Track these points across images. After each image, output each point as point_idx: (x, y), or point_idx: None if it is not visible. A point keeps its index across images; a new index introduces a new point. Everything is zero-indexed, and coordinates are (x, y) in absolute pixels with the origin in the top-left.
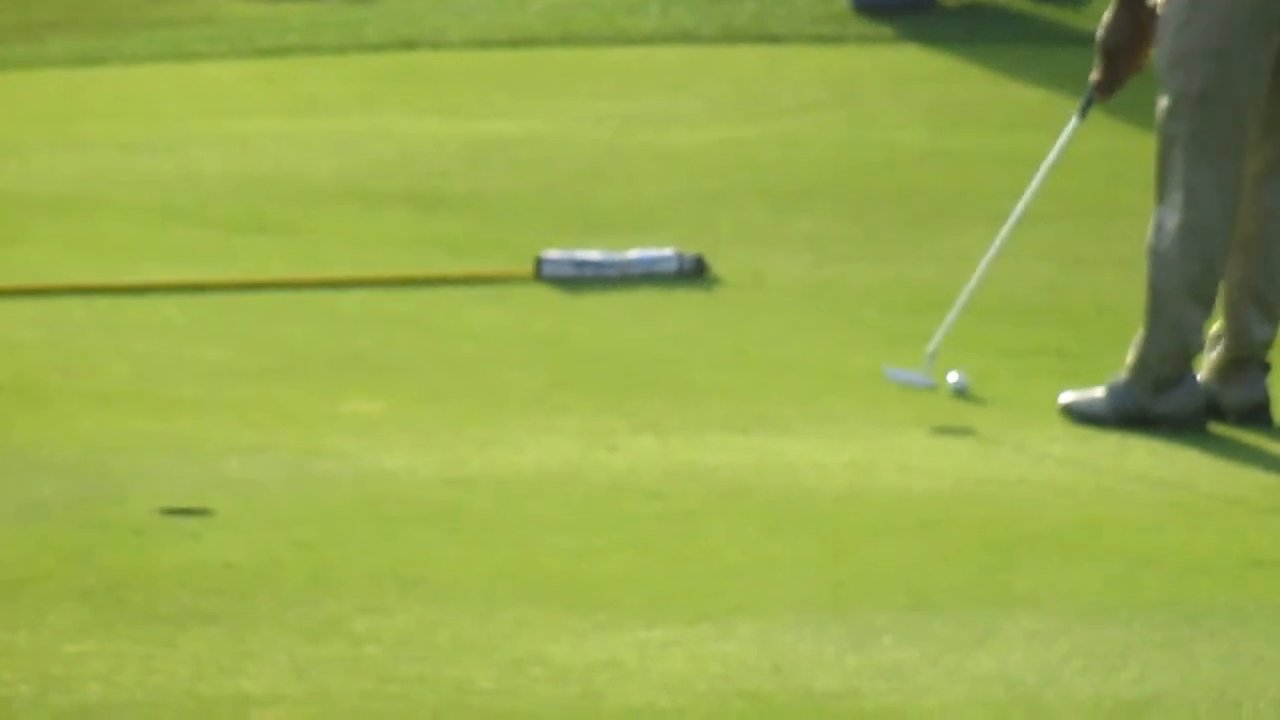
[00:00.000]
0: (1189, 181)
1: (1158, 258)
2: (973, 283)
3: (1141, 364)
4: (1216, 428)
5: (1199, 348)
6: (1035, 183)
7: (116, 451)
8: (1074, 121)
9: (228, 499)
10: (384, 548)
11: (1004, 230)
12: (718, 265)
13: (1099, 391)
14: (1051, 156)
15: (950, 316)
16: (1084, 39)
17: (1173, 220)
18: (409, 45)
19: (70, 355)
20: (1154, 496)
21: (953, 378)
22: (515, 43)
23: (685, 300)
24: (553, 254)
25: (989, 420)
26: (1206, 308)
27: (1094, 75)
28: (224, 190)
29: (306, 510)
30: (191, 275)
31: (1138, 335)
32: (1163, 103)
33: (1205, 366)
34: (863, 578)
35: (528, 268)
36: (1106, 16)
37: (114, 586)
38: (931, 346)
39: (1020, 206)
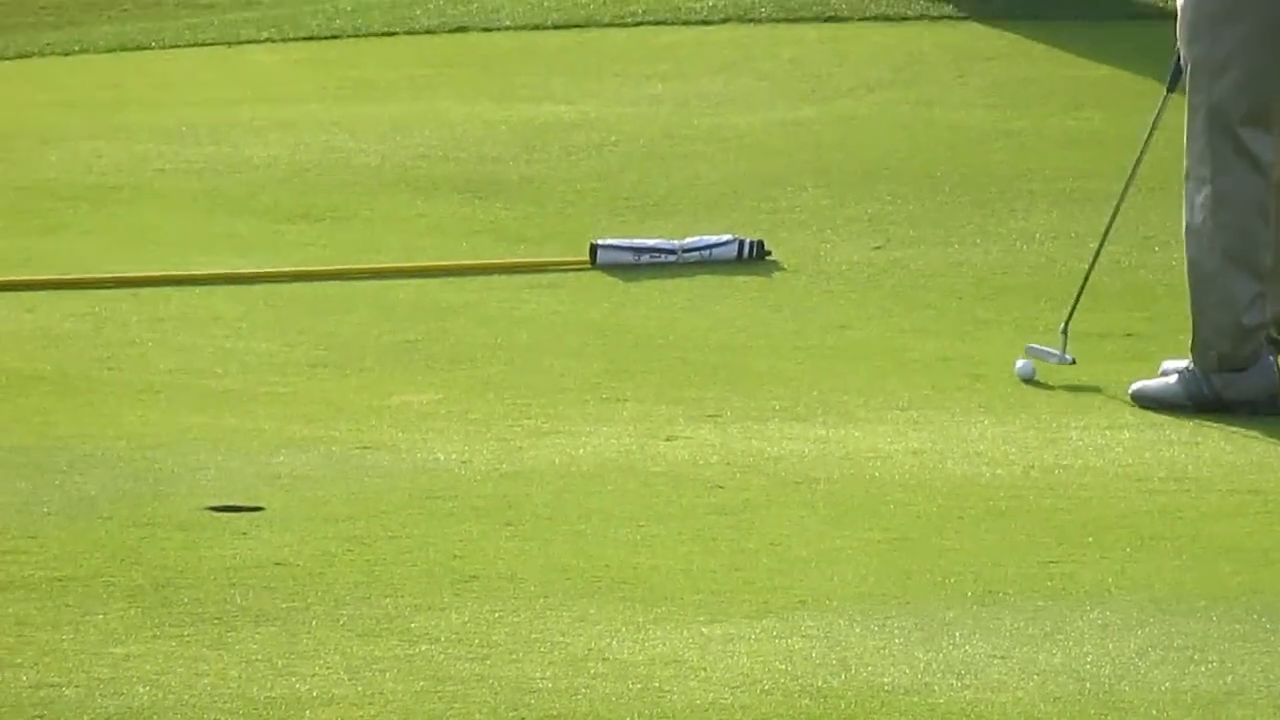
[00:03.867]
0: (1214, 151)
1: (1193, 234)
2: (1093, 261)
3: (1201, 346)
4: None
5: (1259, 321)
6: (1137, 161)
7: (163, 447)
8: (1164, 96)
9: (277, 495)
10: (438, 543)
11: (1117, 206)
12: (778, 249)
13: (1171, 378)
14: (1145, 138)
15: (1078, 295)
16: (1149, 14)
17: (1202, 192)
18: (460, 28)
19: (114, 348)
20: (1229, 483)
21: (1020, 364)
22: (569, 24)
23: (744, 286)
24: (608, 240)
25: (1057, 406)
26: (1254, 277)
27: (1178, 46)
28: (271, 178)
29: (358, 505)
30: (238, 265)
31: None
32: (1185, 74)
33: None
34: (930, 569)
35: (583, 255)
36: None
37: (161, 586)
38: (1063, 324)
39: (1125, 185)
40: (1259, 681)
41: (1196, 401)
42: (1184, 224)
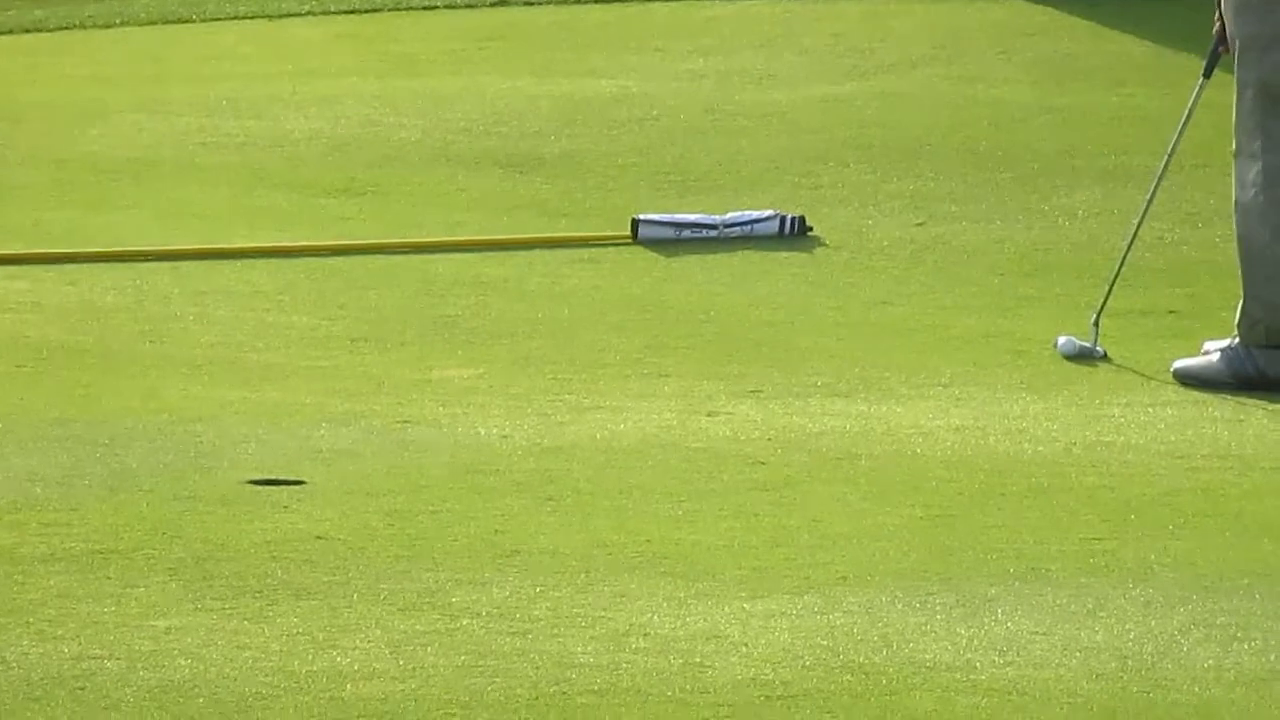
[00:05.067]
0: (1265, 128)
1: (1243, 210)
2: (1126, 247)
3: (1248, 321)
4: None
5: None
6: (1170, 146)
7: (204, 420)
8: (1200, 81)
9: (318, 469)
10: (479, 518)
11: (1151, 191)
12: (819, 226)
13: (1214, 356)
14: (1182, 121)
15: (1111, 284)
16: None
17: (1252, 169)
18: (501, 1)
19: (156, 322)
20: (1273, 460)
21: (1061, 341)
22: None
23: (786, 262)
24: (650, 216)
25: (1099, 383)
26: None
27: (1215, 26)
28: (312, 152)
29: (399, 480)
30: (279, 240)
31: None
32: (1234, 50)
33: None
34: (972, 546)
35: (624, 230)
36: None
37: (202, 559)
38: (1095, 316)
39: (1162, 166)
40: None
41: (1240, 378)
42: (1234, 200)
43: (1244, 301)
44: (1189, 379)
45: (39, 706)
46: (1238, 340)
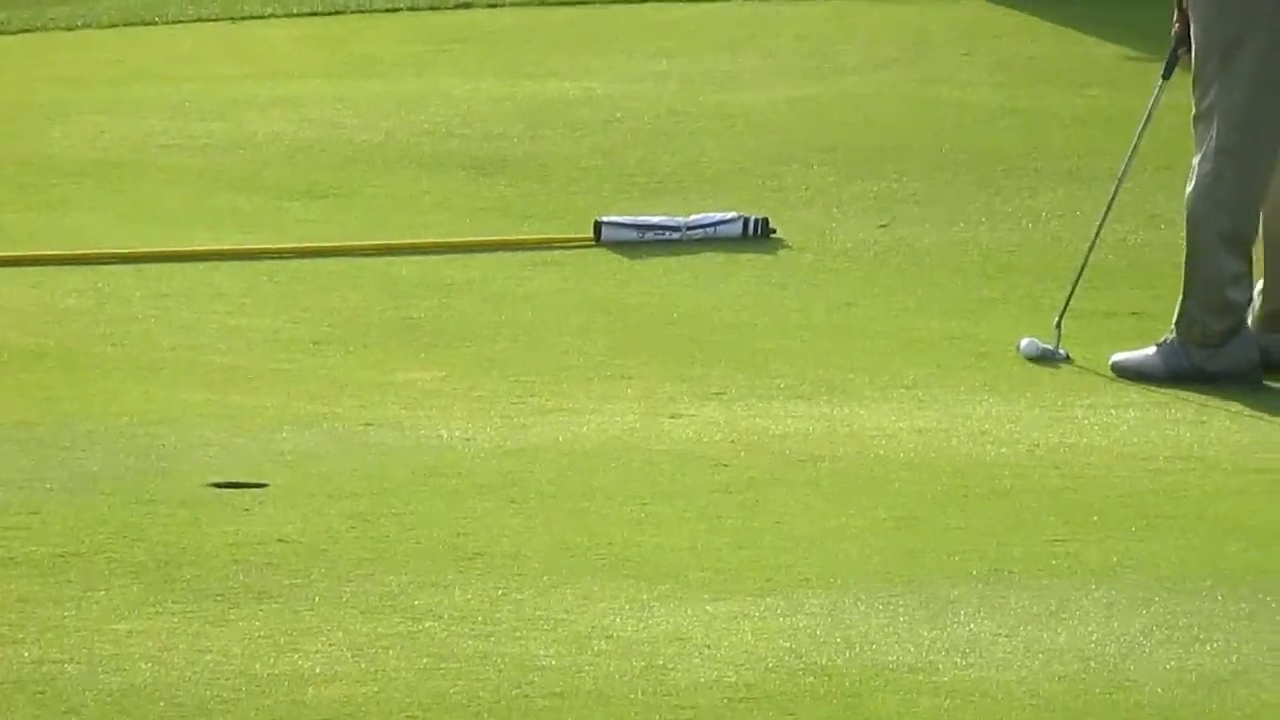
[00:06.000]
0: (1220, 130)
1: (1190, 208)
2: (1088, 249)
3: (1186, 318)
4: None
5: (1244, 297)
6: (1131, 149)
7: (166, 423)
8: (1159, 83)
9: (281, 472)
10: (442, 520)
11: (1112, 193)
12: (783, 228)
13: (1150, 350)
14: (1142, 123)
15: (1073, 286)
16: None
17: (1205, 168)
18: (464, 3)
19: (118, 324)
20: (1235, 462)
21: (1024, 343)
22: (574, 0)
23: (750, 264)
24: (613, 218)
25: (1062, 385)
26: (1243, 258)
27: (1174, 29)
28: (275, 154)
29: (362, 483)
30: (242, 242)
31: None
32: (1195, 50)
33: (1252, 320)
34: (935, 548)
35: (588, 232)
36: None
37: (164, 563)
38: (1057, 318)
39: (1123, 167)
40: (1264, 661)
41: (1175, 373)
42: (1185, 194)
43: (1185, 299)
44: (1126, 372)
45: None
46: (1174, 336)
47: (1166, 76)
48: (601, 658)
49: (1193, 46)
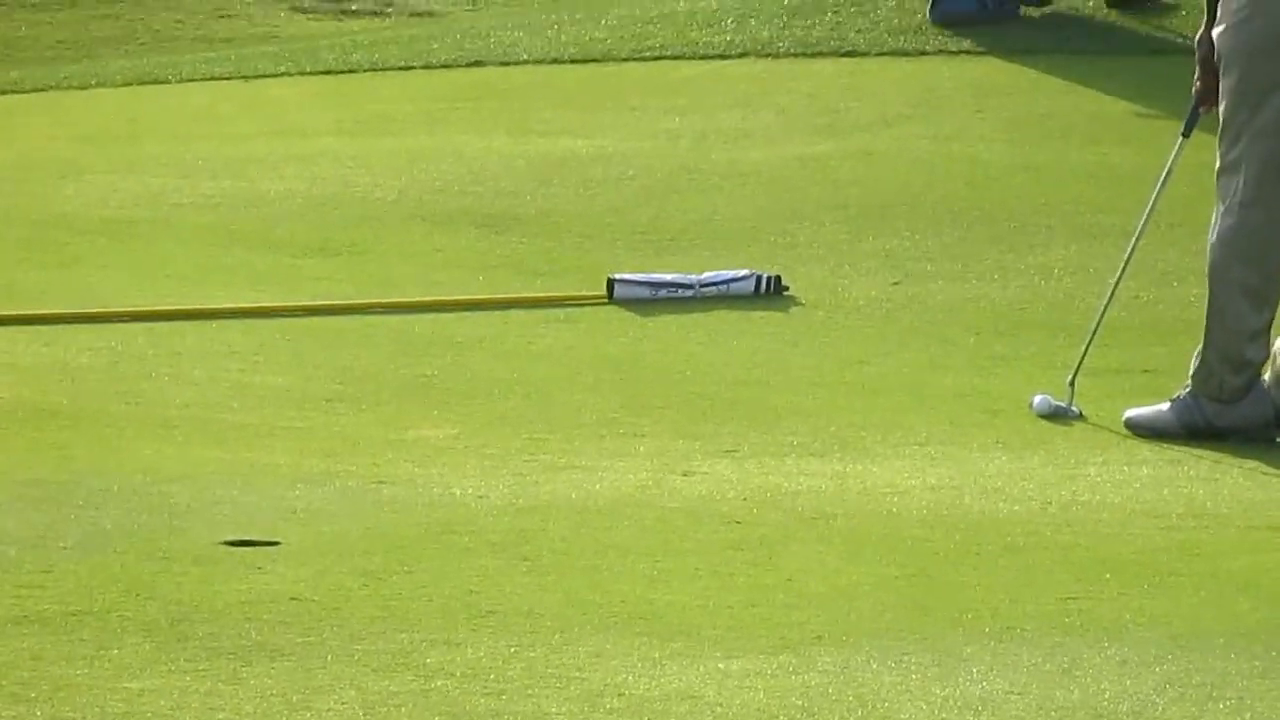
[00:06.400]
0: (1247, 182)
1: (1212, 259)
2: (1103, 306)
3: (1204, 370)
4: None
5: (1262, 355)
6: (1148, 206)
7: (178, 481)
8: (1180, 141)
9: (293, 529)
10: (454, 578)
11: (1129, 250)
12: (795, 285)
13: (1164, 405)
14: (1161, 180)
15: (1087, 344)
16: (1168, 48)
17: (1229, 221)
18: (476, 62)
19: (130, 382)
20: (1248, 519)
21: (1037, 400)
22: (586, 59)
23: (762, 321)
24: (626, 275)
25: (1075, 442)
26: (1264, 312)
27: (1195, 86)
28: (288, 212)
29: (374, 540)
30: (254, 299)
31: (1199, 345)
32: (1224, 101)
33: (1267, 376)
34: (948, 605)
35: (600, 289)
36: (1201, 28)
37: (177, 620)
38: (1071, 375)
39: (1140, 225)
40: (1277, 718)
41: (1189, 429)
42: (1208, 245)
43: (1204, 352)
44: (1139, 428)
45: None
46: (1189, 390)
47: (1186, 135)
48: (613, 715)
49: (1220, 99)
